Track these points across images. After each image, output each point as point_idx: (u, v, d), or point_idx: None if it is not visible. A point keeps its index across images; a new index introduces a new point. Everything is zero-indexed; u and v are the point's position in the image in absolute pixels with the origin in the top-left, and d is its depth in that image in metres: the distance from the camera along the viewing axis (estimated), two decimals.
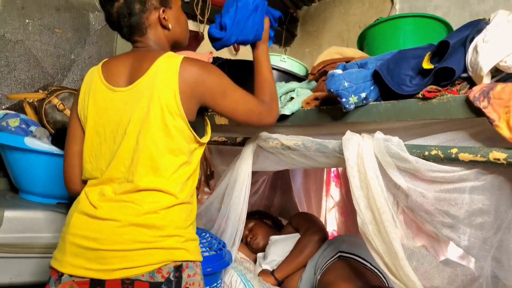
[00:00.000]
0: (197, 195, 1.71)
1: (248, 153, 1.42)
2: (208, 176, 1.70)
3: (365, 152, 0.99)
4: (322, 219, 2.29)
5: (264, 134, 1.39)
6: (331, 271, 1.26)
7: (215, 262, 1.30)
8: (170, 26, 1.01)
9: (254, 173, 2.20)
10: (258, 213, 2.01)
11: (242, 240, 1.86)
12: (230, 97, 0.98)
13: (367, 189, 0.96)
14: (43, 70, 1.79)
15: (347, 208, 2.24)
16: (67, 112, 1.43)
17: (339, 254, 1.36)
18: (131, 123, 0.89)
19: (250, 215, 1.97)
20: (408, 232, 1.04)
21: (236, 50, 2.66)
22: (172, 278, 0.85)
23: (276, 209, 2.46)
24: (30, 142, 1.34)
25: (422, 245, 1.09)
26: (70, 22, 1.85)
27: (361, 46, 1.64)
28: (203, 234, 1.42)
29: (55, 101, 1.41)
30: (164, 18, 0.99)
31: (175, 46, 1.10)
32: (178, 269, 0.86)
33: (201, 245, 1.33)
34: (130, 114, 0.89)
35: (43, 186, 1.45)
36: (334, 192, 2.37)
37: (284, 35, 2.86)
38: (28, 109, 1.43)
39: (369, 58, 1.20)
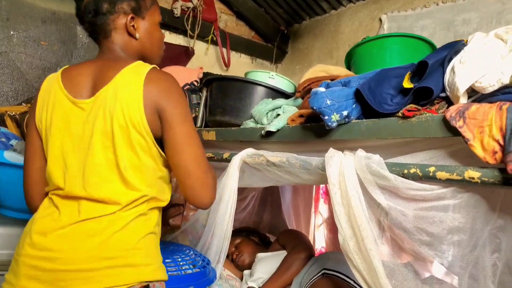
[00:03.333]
0: (183, 212, 1.70)
1: (234, 169, 1.42)
2: None
3: (346, 170, 0.99)
4: (310, 236, 2.27)
5: (250, 150, 1.40)
6: None
7: (199, 279, 1.28)
8: (137, 35, 0.97)
9: (242, 189, 2.22)
10: (245, 229, 2.00)
11: (228, 257, 1.85)
12: (188, 127, 0.89)
13: (348, 206, 0.97)
14: (28, 83, 1.78)
15: (335, 225, 2.23)
16: None
17: (323, 271, 1.35)
18: (94, 136, 0.85)
19: (237, 232, 1.95)
20: (394, 249, 1.04)
21: (227, 66, 2.69)
22: None
23: (265, 226, 2.45)
24: (10, 156, 1.32)
25: (408, 262, 1.09)
26: (56, 35, 1.85)
27: (348, 64, 1.66)
28: (187, 251, 1.40)
29: None
30: (132, 25, 0.96)
31: (144, 60, 1.02)
32: None
33: (185, 263, 1.32)
34: (92, 128, 0.85)
35: (24, 202, 1.42)
36: (323, 209, 2.37)
37: (275, 52, 2.90)
38: (9, 122, 1.41)
39: (352, 76, 1.23)
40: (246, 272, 1.74)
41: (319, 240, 2.29)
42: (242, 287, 1.64)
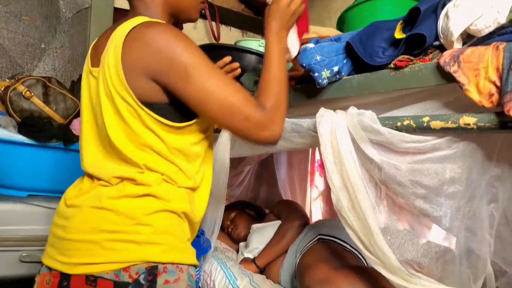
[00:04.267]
0: None
1: (225, 138, 1.39)
2: None
3: (338, 128, 0.96)
4: (307, 209, 2.26)
5: None
6: (310, 253, 1.24)
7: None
8: None
9: (237, 164, 2.20)
10: (240, 203, 1.98)
11: (223, 231, 1.83)
12: (196, 82, 0.71)
13: (341, 165, 0.94)
14: (11, 59, 1.72)
15: (331, 197, 2.22)
16: (35, 99, 1.38)
17: (318, 236, 1.34)
18: (99, 110, 0.78)
19: (232, 206, 1.94)
20: (391, 216, 1.02)
21: (217, 40, 2.62)
22: (142, 282, 0.70)
23: (262, 201, 2.43)
24: None
25: (405, 229, 1.07)
26: (38, 9, 1.77)
27: (340, 30, 1.61)
28: None
29: (21, 88, 1.35)
30: None
31: (177, 17, 0.89)
32: (152, 271, 0.71)
33: None
34: (97, 99, 0.78)
35: (11, 178, 1.39)
36: (319, 182, 2.36)
37: None
38: None
39: (342, 34, 1.18)
40: (242, 244, 1.72)
41: (316, 213, 2.28)
42: (239, 259, 1.63)
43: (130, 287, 0.69)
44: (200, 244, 1.30)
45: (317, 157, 2.36)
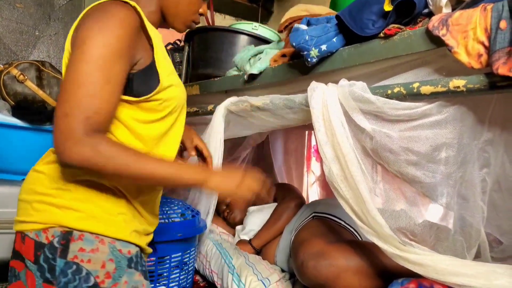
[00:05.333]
0: None
1: (218, 119, 1.39)
2: (181, 147, 1.65)
3: (329, 100, 0.96)
4: (304, 194, 2.27)
5: (234, 98, 1.36)
6: (304, 230, 1.24)
7: (187, 228, 1.27)
8: None
9: (233, 150, 2.20)
10: None
11: (220, 216, 1.83)
12: (79, 58, 0.68)
13: (332, 136, 0.93)
14: (5, 46, 1.71)
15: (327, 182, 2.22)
16: (28, 83, 1.37)
17: (313, 214, 1.34)
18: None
19: None
20: (388, 197, 1.02)
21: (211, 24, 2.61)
22: (56, 245, 0.71)
23: None
24: None
25: (401, 209, 1.07)
26: None
27: (334, 9, 1.61)
28: (176, 202, 1.38)
29: (14, 71, 1.35)
30: None
31: (164, 17, 0.90)
32: (66, 236, 0.71)
33: (173, 212, 1.30)
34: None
35: (6, 162, 1.39)
36: (315, 167, 2.36)
37: (261, 12, 2.81)
38: None
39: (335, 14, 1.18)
40: (238, 227, 1.73)
41: (313, 198, 2.28)
42: (235, 241, 1.63)
43: (45, 248, 0.71)
44: (195, 224, 1.30)
45: (313, 142, 2.36)
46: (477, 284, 0.77)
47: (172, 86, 0.83)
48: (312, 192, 2.32)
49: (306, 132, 2.34)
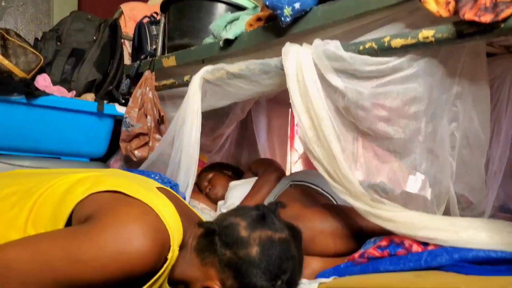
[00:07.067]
0: (148, 142, 1.64)
1: (195, 88, 1.36)
2: (158, 121, 1.63)
3: (303, 60, 0.95)
4: (287, 172, 2.27)
5: (209, 66, 1.33)
6: (282, 197, 1.24)
7: None
8: None
9: (215, 127, 2.17)
10: (218, 164, 1.97)
11: (202, 192, 1.82)
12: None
13: (306, 97, 0.93)
14: None
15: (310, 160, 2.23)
16: None
17: (291, 183, 1.34)
18: None
19: (210, 167, 1.92)
20: (369, 168, 1.02)
21: None
22: None
23: (243, 168, 2.43)
24: None
25: (381, 181, 1.07)
26: None
27: None
28: (153, 175, 1.36)
29: None
30: None
31: None
32: None
33: None
34: None
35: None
36: (298, 145, 2.37)
37: None
38: None
39: None
40: (220, 202, 1.72)
41: None
42: (216, 215, 1.62)
43: None
44: None
45: (297, 120, 2.35)
46: (445, 237, 0.78)
47: None
48: (295, 170, 2.33)
49: (290, 110, 2.34)
